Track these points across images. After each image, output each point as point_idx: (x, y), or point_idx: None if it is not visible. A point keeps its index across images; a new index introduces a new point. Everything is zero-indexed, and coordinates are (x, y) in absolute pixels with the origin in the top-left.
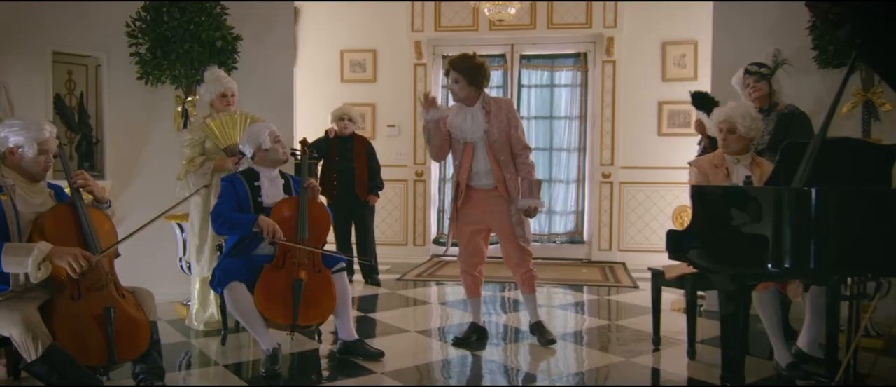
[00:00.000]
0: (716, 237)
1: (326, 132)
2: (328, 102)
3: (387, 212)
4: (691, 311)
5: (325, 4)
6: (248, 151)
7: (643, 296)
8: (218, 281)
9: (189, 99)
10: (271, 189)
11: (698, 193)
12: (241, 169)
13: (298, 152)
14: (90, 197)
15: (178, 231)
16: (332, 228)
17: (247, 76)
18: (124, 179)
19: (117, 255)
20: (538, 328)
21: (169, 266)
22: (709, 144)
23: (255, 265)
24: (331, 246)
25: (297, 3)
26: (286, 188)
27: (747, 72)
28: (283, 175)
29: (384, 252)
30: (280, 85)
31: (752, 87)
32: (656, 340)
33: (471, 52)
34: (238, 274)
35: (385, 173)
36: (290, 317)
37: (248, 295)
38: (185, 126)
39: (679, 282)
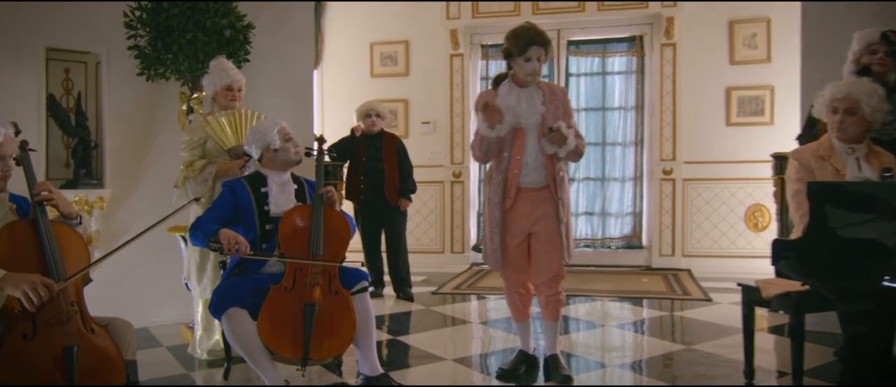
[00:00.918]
0: (845, 246)
1: (352, 130)
2: (357, 99)
3: (422, 217)
4: (797, 336)
5: None
6: (255, 153)
7: (719, 312)
8: (216, 306)
9: (195, 96)
10: (281, 196)
11: (818, 191)
12: (246, 173)
13: (314, 151)
14: (56, 212)
15: (182, 245)
16: (360, 237)
17: (261, 70)
18: (126, 188)
19: (87, 281)
20: (553, 363)
21: (174, 284)
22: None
23: (261, 287)
24: (355, 260)
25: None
26: (300, 194)
27: (885, 37)
28: (296, 179)
29: (419, 261)
30: (298, 80)
31: (880, 59)
32: (749, 372)
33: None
34: (238, 298)
35: (420, 174)
36: (300, 349)
37: (249, 323)
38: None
39: (783, 301)
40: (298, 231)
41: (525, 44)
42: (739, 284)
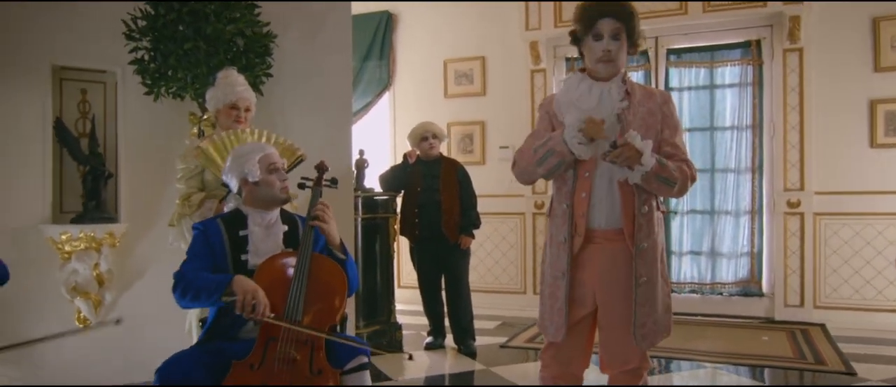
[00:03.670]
0: None
1: (405, 156)
2: (431, 121)
3: (501, 253)
4: None
5: (425, 8)
6: (233, 185)
7: None
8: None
9: (205, 116)
10: (264, 241)
11: None
12: (226, 209)
13: (310, 183)
14: None
15: None
16: (416, 279)
17: (291, 86)
18: (142, 223)
19: None
20: None
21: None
22: None
23: (224, 362)
24: (412, 304)
25: (393, 10)
26: (291, 239)
27: None
28: (287, 218)
29: (497, 302)
30: (334, 97)
31: None
32: None
33: None
34: (187, 377)
35: (499, 205)
36: None
37: None
38: None
39: None
40: (275, 286)
41: (595, 15)
42: None
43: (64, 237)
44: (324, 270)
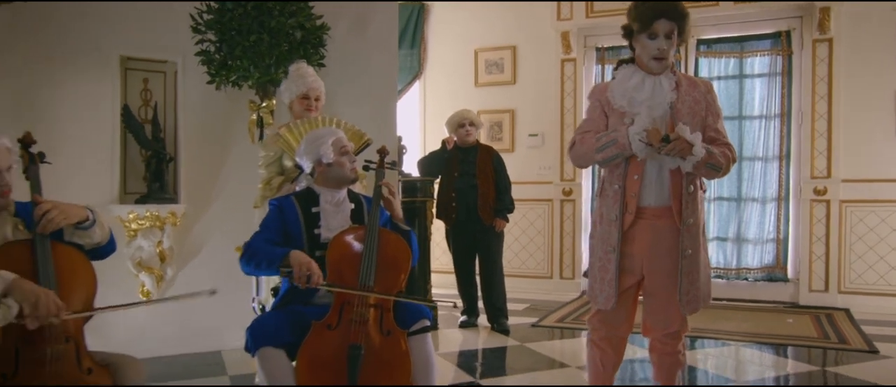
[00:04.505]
0: None
1: (443, 142)
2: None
3: (528, 238)
4: None
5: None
6: (306, 166)
7: (886, 368)
8: (249, 343)
9: (264, 105)
10: (335, 217)
11: None
12: (298, 188)
13: (374, 165)
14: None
15: None
16: (452, 260)
17: (340, 78)
18: (201, 204)
19: (89, 317)
20: None
21: (243, 307)
22: None
23: (305, 322)
24: (444, 288)
25: (427, 2)
26: (357, 215)
27: None
28: (353, 197)
29: (524, 286)
30: (380, 89)
31: None
32: None
33: None
34: (275, 336)
35: (527, 192)
36: None
37: (285, 365)
38: (260, 138)
39: None
40: (347, 258)
41: (651, 16)
42: None
43: (131, 216)
44: (390, 242)
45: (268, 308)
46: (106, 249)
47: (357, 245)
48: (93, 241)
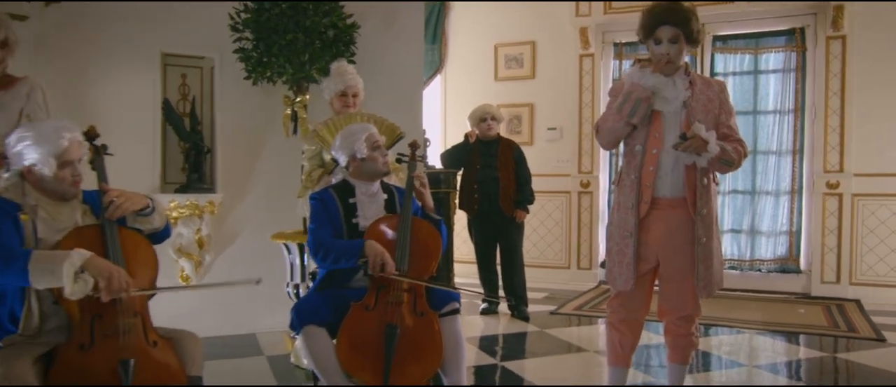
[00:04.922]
0: None
1: (466, 136)
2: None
3: (546, 229)
4: None
5: None
6: (342, 160)
7: (894, 355)
8: (294, 322)
9: (298, 100)
10: (370, 207)
11: None
12: (334, 180)
13: (406, 158)
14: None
15: (285, 252)
16: (473, 250)
17: (367, 75)
18: (236, 194)
19: (152, 294)
20: None
21: (278, 291)
22: None
23: (344, 303)
24: (465, 277)
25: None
26: (390, 205)
27: None
28: (386, 188)
29: (542, 276)
30: (407, 85)
31: None
32: None
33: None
34: (318, 315)
35: (546, 184)
36: (379, 374)
37: (327, 343)
38: (294, 132)
39: None
40: (383, 245)
41: (652, 23)
42: None
43: (172, 204)
44: (422, 231)
45: (302, 292)
46: (162, 235)
47: (391, 233)
48: (152, 226)
